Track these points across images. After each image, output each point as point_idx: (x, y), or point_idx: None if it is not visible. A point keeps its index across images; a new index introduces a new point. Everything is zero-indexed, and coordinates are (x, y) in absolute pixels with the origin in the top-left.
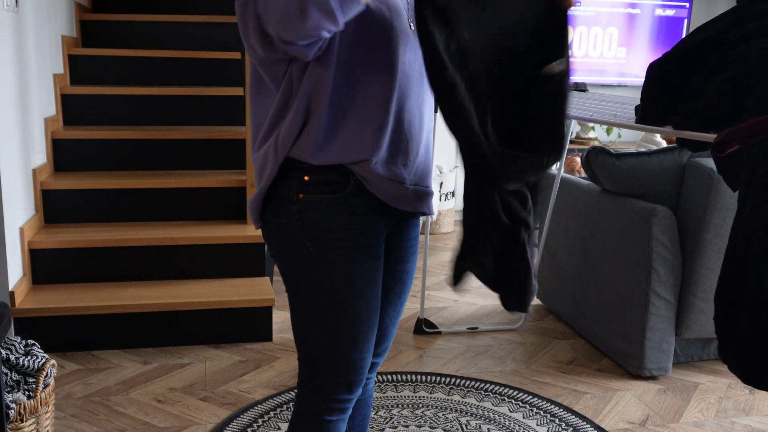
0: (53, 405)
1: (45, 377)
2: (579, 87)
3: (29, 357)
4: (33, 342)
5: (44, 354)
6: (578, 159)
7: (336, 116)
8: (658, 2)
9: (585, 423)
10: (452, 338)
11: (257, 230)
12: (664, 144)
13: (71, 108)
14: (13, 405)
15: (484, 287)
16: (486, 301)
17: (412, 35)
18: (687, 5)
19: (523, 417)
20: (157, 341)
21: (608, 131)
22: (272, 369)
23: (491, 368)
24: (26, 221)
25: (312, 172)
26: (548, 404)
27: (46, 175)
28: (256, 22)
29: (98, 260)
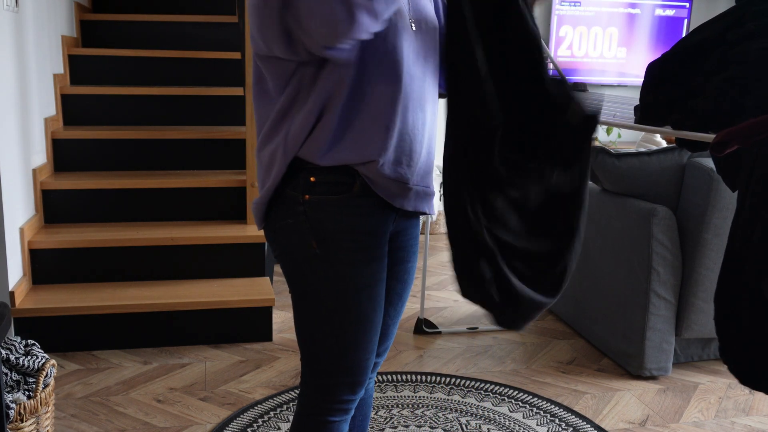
0: (53, 405)
1: (45, 377)
2: (579, 87)
3: (29, 357)
4: (33, 342)
5: (44, 354)
6: None
7: (347, 117)
8: (658, 2)
9: (585, 423)
10: (452, 338)
11: (257, 230)
12: (664, 144)
13: (71, 108)
14: (13, 405)
15: None
16: None
17: (414, 35)
18: (687, 5)
19: (523, 417)
20: (157, 341)
21: (608, 131)
22: (272, 369)
23: (491, 368)
24: (26, 221)
25: (318, 173)
26: (548, 404)
27: (46, 175)
28: (281, 25)
29: (98, 260)
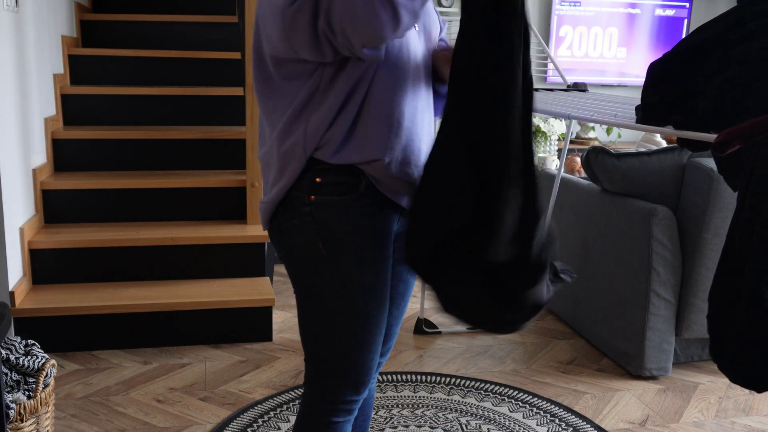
0: (53, 405)
1: (45, 377)
2: (579, 87)
3: (29, 357)
4: (33, 342)
5: (44, 354)
6: (578, 159)
7: (359, 115)
8: (658, 2)
9: (585, 423)
10: (452, 338)
11: (257, 230)
12: (664, 144)
13: (71, 108)
14: (13, 405)
15: None
16: None
17: (417, 36)
18: (687, 5)
19: (523, 417)
20: (157, 341)
21: (608, 131)
22: (272, 369)
23: (491, 368)
24: (26, 221)
25: (324, 174)
26: (548, 404)
27: (46, 175)
28: (312, 30)
29: (98, 260)
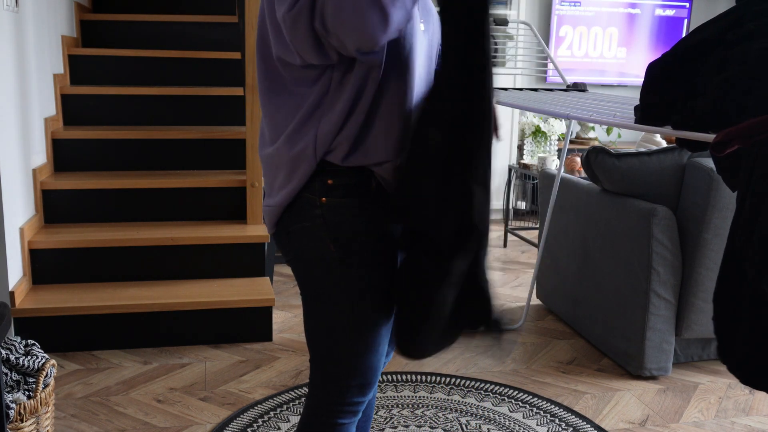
0: (53, 405)
1: (45, 377)
2: (579, 87)
3: (29, 357)
4: (33, 342)
5: (44, 354)
6: (578, 159)
7: (369, 116)
8: (658, 2)
9: (585, 423)
10: None
11: (257, 230)
12: (664, 144)
13: (71, 108)
14: (13, 405)
15: None
16: None
17: (422, 35)
18: (687, 5)
19: (523, 417)
20: (157, 341)
21: (608, 131)
22: (272, 369)
23: (491, 368)
24: (26, 221)
25: (335, 176)
26: (548, 404)
27: (46, 175)
28: (310, 34)
29: (98, 260)
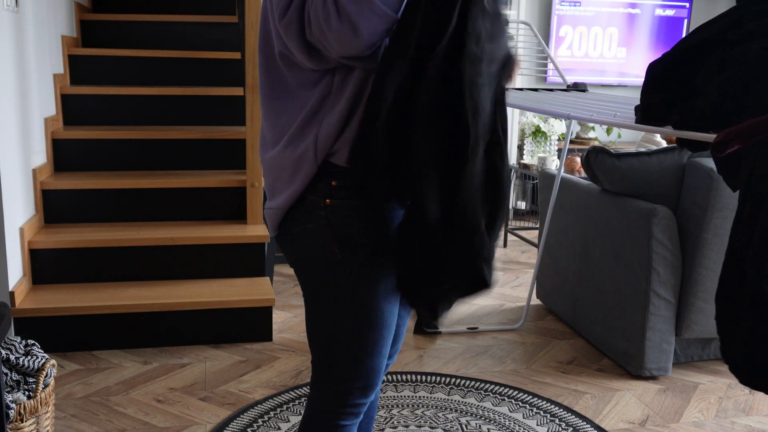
0: (53, 405)
1: (45, 377)
2: (579, 87)
3: (29, 357)
4: (33, 342)
5: (44, 354)
6: (578, 159)
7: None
8: (658, 2)
9: (585, 423)
10: (452, 338)
11: (256, 230)
12: (664, 144)
13: (71, 108)
14: (13, 405)
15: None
16: (486, 301)
17: None
18: (687, 5)
19: (523, 417)
20: (157, 341)
21: (608, 131)
22: (272, 369)
23: (491, 368)
24: (26, 221)
25: (339, 177)
26: (548, 404)
27: (46, 175)
28: (302, 41)
29: (98, 260)
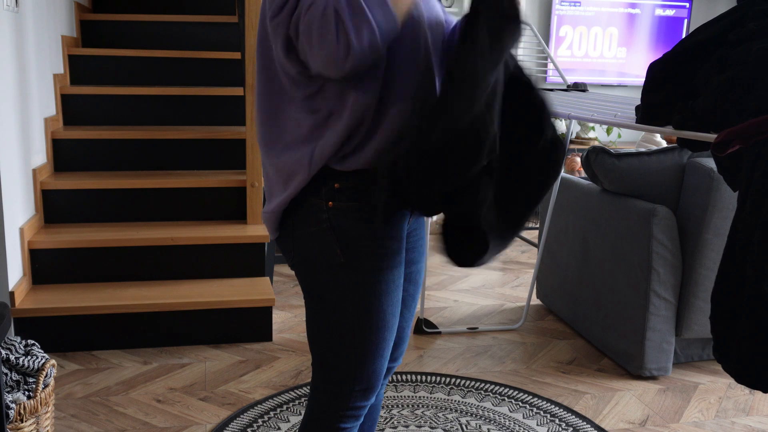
0: (53, 405)
1: (45, 377)
2: (579, 87)
3: (29, 357)
4: (33, 342)
5: (44, 354)
6: (578, 159)
7: (377, 121)
8: (658, 2)
9: (585, 423)
10: (452, 338)
11: (256, 230)
12: (664, 144)
13: (71, 108)
14: (13, 405)
15: (484, 287)
16: (486, 301)
17: (428, 33)
18: (687, 5)
19: (523, 417)
20: (157, 341)
21: (608, 131)
22: (272, 369)
23: (491, 368)
24: (26, 221)
25: (342, 179)
26: (548, 404)
27: (46, 175)
28: (287, 45)
29: (98, 260)
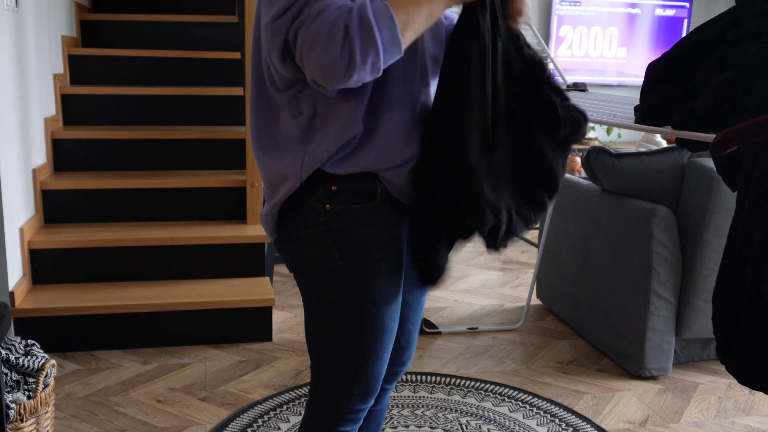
0: (53, 405)
1: (45, 377)
2: (579, 87)
3: (29, 357)
4: (33, 342)
5: (44, 354)
6: (578, 159)
7: (373, 126)
8: (658, 2)
9: (585, 423)
10: (452, 338)
11: (256, 230)
12: (664, 144)
13: (71, 108)
14: (13, 405)
15: (484, 287)
16: (486, 301)
17: (429, 34)
18: (687, 5)
19: (523, 417)
20: (157, 341)
21: (608, 131)
22: (272, 369)
23: (491, 368)
24: (26, 221)
25: (340, 182)
26: (548, 404)
27: (46, 175)
28: (284, 50)
29: (98, 260)
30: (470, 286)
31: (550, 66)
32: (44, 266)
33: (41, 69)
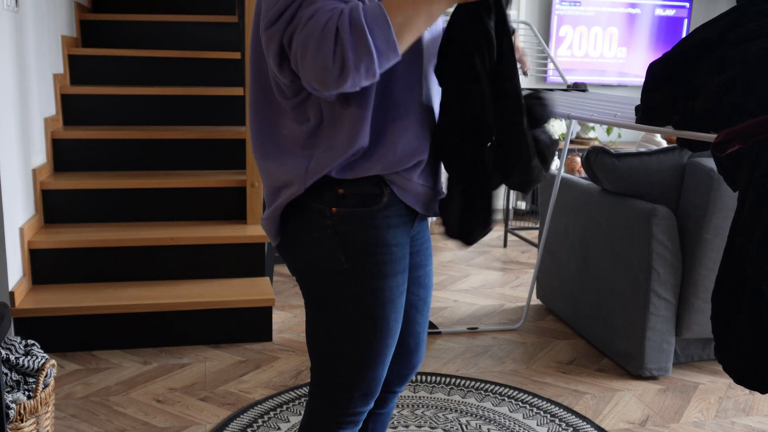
0: (53, 405)
1: (45, 377)
2: (579, 87)
3: (29, 357)
4: (33, 342)
5: (44, 354)
6: (578, 159)
7: (380, 131)
8: (658, 2)
9: (585, 423)
10: (452, 338)
11: (256, 230)
12: (664, 144)
13: (71, 108)
14: (13, 405)
15: (484, 287)
16: (486, 301)
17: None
18: (687, 5)
19: (523, 417)
20: (157, 341)
21: (608, 131)
22: (272, 369)
23: (491, 368)
24: (26, 221)
25: (346, 185)
26: (548, 404)
27: (46, 175)
28: (281, 54)
29: (98, 260)
30: (470, 286)
31: (550, 66)
32: (44, 266)
33: (41, 69)
